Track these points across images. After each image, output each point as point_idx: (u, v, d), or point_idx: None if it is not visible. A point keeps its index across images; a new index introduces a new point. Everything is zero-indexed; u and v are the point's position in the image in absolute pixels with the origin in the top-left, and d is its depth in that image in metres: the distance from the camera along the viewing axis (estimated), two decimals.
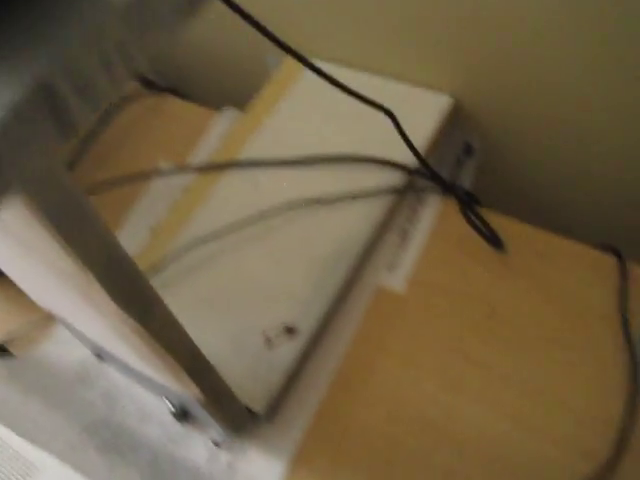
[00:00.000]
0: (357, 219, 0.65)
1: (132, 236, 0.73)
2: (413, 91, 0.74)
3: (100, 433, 0.61)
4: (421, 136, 0.69)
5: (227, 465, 0.57)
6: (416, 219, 0.68)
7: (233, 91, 0.95)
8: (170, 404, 0.59)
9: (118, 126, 0.85)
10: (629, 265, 0.62)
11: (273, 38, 0.42)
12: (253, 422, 0.58)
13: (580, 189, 0.73)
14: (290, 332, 0.60)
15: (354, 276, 0.64)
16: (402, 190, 0.67)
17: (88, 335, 0.54)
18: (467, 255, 0.65)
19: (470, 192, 0.67)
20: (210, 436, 0.59)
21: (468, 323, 0.61)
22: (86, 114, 0.21)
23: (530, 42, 0.62)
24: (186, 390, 0.48)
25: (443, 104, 0.72)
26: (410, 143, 0.62)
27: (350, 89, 0.51)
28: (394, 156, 0.68)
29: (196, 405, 0.51)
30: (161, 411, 0.61)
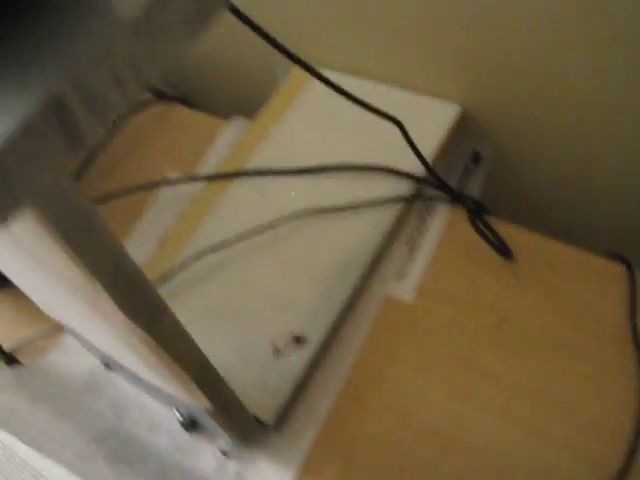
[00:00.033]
0: (365, 228, 0.65)
1: (140, 245, 0.73)
2: (421, 99, 0.74)
3: (108, 443, 0.61)
4: (429, 145, 0.69)
5: (235, 475, 0.57)
6: (424, 228, 0.68)
7: (242, 100, 0.95)
8: (178, 414, 0.59)
9: (126, 135, 0.85)
10: (638, 274, 0.61)
11: (281, 49, 0.42)
12: (262, 432, 0.58)
13: (589, 198, 0.73)
14: (298, 341, 0.60)
15: (362, 285, 0.64)
16: (410, 199, 0.67)
17: (97, 345, 0.54)
18: (475, 264, 0.65)
19: (478, 201, 0.67)
20: (218, 446, 0.59)
21: (477, 332, 0.61)
22: (96, 128, 0.21)
23: (538, 50, 0.61)
24: (194, 400, 0.48)
25: (451, 112, 0.72)
26: (418, 152, 0.62)
27: (358, 98, 0.51)
28: (402, 165, 0.68)
29: (204, 415, 0.51)
30: (169, 421, 0.61)
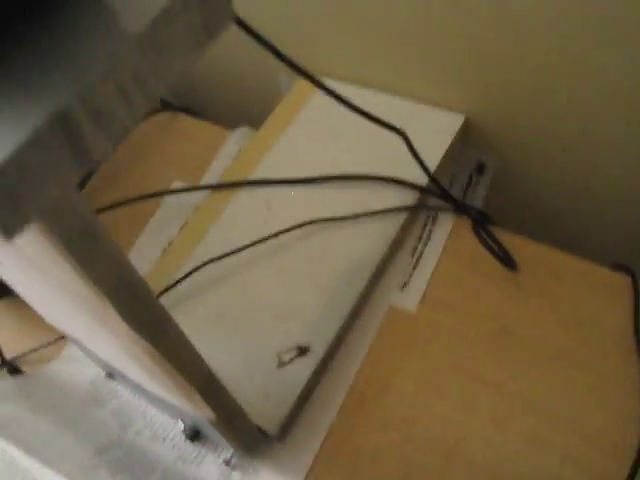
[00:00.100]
0: (369, 238, 0.65)
1: (144, 254, 0.73)
2: (425, 109, 0.74)
3: (111, 452, 0.61)
4: (433, 155, 0.69)
5: None
6: (428, 238, 0.68)
7: (246, 110, 0.95)
8: (182, 423, 0.59)
9: (131, 144, 0.85)
10: None
11: (286, 60, 0.42)
12: (265, 442, 0.58)
13: (593, 208, 0.73)
14: (302, 352, 0.59)
15: (366, 295, 0.64)
16: (414, 209, 0.67)
17: (100, 355, 0.54)
18: (479, 274, 0.64)
19: (482, 211, 0.67)
20: (222, 456, 0.59)
21: (480, 342, 0.61)
22: (103, 142, 0.21)
23: (542, 61, 0.62)
24: (198, 410, 0.48)
25: (455, 122, 0.72)
26: (422, 162, 0.62)
27: (361, 109, 0.51)
28: (406, 175, 0.68)
29: (208, 425, 0.51)
30: (173, 431, 0.61)
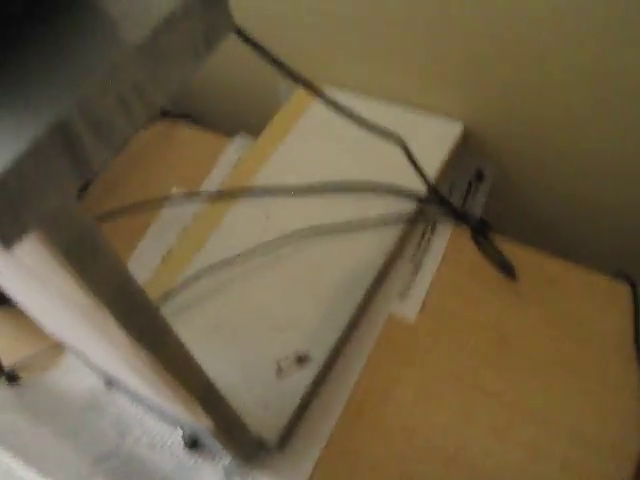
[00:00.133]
0: (368, 247, 0.65)
1: (143, 262, 0.73)
2: (424, 118, 0.74)
3: (110, 461, 0.60)
4: (432, 163, 0.69)
5: None
6: (427, 247, 0.67)
7: (245, 118, 0.95)
8: (181, 432, 0.59)
9: (130, 152, 0.85)
10: None
11: (285, 69, 0.42)
12: (264, 451, 0.58)
13: (590, 216, 0.73)
14: (301, 361, 0.59)
15: (366, 304, 0.64)
16: (413, 218, 0.67)
17: (99, 365, 0.54)
18: (479, 283, 0.64)
19: (482, 219, 0.67)
20: (221, 465, 0.58)
21: (480, 351, 0.61)
22: (102, 152, 0.21)
23: (540, 72, 0.62)
24: (197, 420, 0.47)
25: (454, 131, 0.72)
26: (421, 171, 0.62)
27: (361, 118, 0.51)
28: (405, 183, 0.68)
29: (207, 434, 0.51)
30: (171, 439, 0.61)
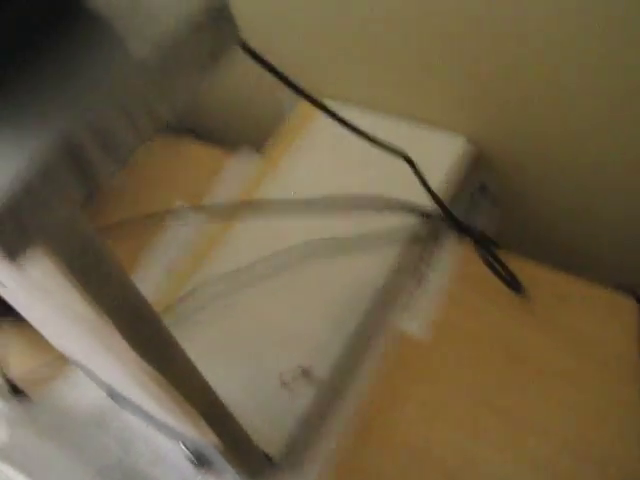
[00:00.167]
0: (374, 262, 0.65)
1: (148, 278, 0.73)
2: (430, 132, 0.74)
3: (113, 476, 0.60)
4: (437, 178, 0.69)
5: None
6: (433, 262, 0.67)
7: (249, 132, 0.95)
8: (185, 447, 0.58)
9: (134, 167, 0.85)
10: None
11: (290, 84, 0.42)
12: (270, 467, 0.58)
13: (593, 230, 0.73)
14: (306, 375, 0.59)
15: (371, 320, 0.64)
16: (419, 233, 0.67)
17: (104, 379, 0.54)
18: (485, 298, 0.64)
19: (488, 235, 0.67)
20: None
21: (486, 367, 0.60)
22: (110, 167, 0.21)
23: (544, 88, 0.62)
24: (202, 435, 0.47)
25: (460, 146, 0.72)
26: (428, 186, 0.62)
27: (366, 133, 0.51)
28: (411, 198, 0.68)
29: (212, 450, 0.50)
30: (176, 455, 0.60)
